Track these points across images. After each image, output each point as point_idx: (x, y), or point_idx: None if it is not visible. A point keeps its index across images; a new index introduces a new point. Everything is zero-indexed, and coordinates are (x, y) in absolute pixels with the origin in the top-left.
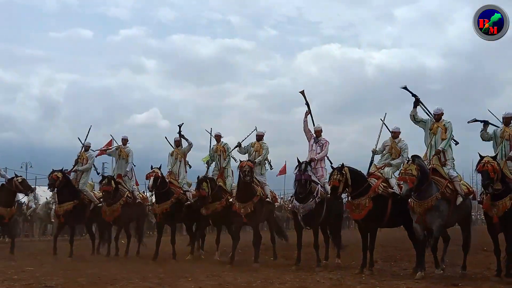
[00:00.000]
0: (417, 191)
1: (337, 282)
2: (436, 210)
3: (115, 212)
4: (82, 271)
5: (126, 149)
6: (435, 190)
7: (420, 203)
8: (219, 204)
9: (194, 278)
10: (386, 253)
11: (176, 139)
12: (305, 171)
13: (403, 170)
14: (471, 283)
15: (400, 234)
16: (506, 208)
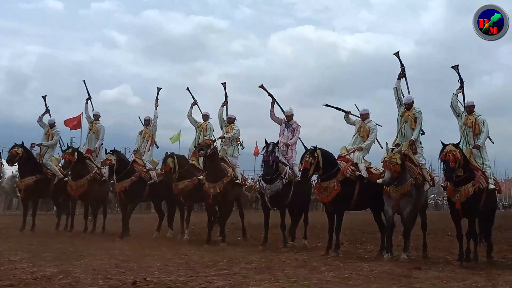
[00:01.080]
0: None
1: (303, 263)
2: (410, 196)
3: (82, 188)
4: (48, 246)
5: (98, 125)
6: (409, 177)
7: (396, 189)
8: (190, 182)
9: (160, 256)
10: (353, 236)
11: (146, 118)
12: (272, 152)
13: (388, 158)
14: (434, 266)
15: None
16: (468, 194)
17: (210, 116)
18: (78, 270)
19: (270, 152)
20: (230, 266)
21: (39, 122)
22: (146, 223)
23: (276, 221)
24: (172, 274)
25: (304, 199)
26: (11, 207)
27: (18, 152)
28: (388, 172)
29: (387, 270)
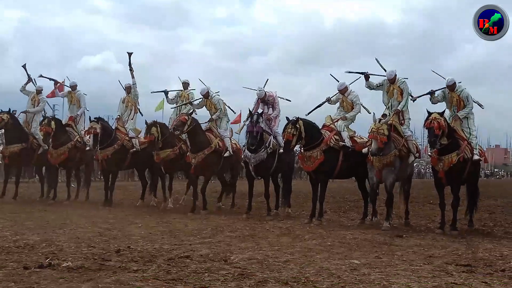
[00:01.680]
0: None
1: (286, 231)
2: (392, 166)
3: (62, 156)
4: (30, 215)
5: (77, 94)
6: (393, 148)
7: (379, 159)
8: (172, 152)
9: (144, 224)
10: (336, 204)
11: (126, 85)
12: (257, 123)
13: (375, 129)
14: (415, 234)
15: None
16: (452, 163)
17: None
18: (61, 238)
19: (254, 122)
20: (214, 234)
21: (23, 91)
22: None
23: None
24: (156, 243)
25: (288, 168)
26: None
27: (4, 118)
28: (375, 142)
29: (369, 238)
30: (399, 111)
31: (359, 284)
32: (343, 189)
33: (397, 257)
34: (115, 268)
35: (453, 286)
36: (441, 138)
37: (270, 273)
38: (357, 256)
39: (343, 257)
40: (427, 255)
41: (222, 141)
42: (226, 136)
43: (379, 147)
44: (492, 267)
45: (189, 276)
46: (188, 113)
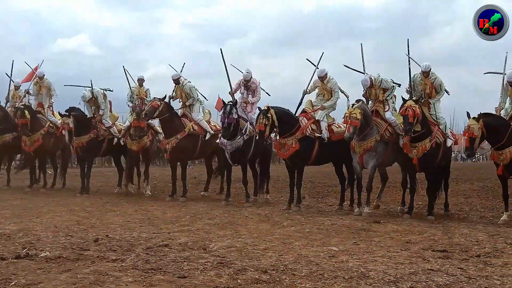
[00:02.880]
0: (359, 135)
1: (265, 218)
2: (374, 151)
3: (36, 143)
4: (6, 203)
5: (46, 82)
6: (375, 132)
7: (360, 144)
8: (148, 139)
9: (122, 212)
10: (314, 189)
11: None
12: (230, 114)
13: (348, 113)
14: (392, 220)
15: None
16: (425, 150)
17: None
18: (38, 227)
19: (227, 113)
20: (193, 222)
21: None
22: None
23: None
24: (135, 231)
25: (265, 153)
26: None
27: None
28: (352, 127)
29: (347, 224)
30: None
31: (337, 271)
32: (321, 173)
33: (375, 243)
34: (94, 258)
35: (429, 272)
36: (415, 125)
37: (249, 261)
38: (335, 242)
39: (322, 244)
40: (404, 241)
41: (198, 125)
42: (200, 119)
43: (352, 132)
44: (467, 252)
45: (168, 265)
46: (161, 98)
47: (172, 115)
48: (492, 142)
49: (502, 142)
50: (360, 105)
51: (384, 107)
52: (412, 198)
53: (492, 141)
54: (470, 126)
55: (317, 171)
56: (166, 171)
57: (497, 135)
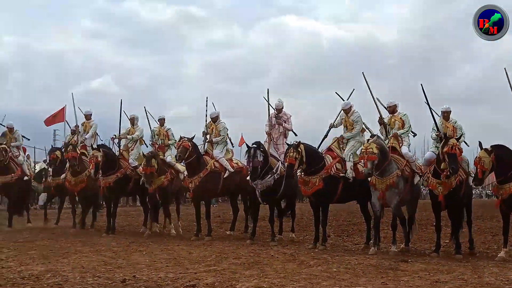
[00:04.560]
0: (377, 170)
1: (291, 257)
2: (396, 188)
3: (81, 184)
4: (34, 243)
5: (91, 123)
6: (395, 168)
7: (382, 180)
8: (165, 178)
9: (148, 252)
10: (339, 227)
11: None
12: (254, 157)
13: (364, 149)
14: (420, 259)
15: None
16: (451, 187)
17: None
18: (66, 268)
19: (251, 157)
20: (219, 262)
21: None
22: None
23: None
24: (161, 271)
25: (293, 193)
26: None
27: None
28: (369, 162)
29: (374, 263)
30: (397, 135)
31: None
32: (345, 211)
33: (403, 283)
34: None
35: None
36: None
37: None
38: (363, 282)
39: (349, 284)
40: (433, 280)
41: (218, 162)
42: (221, 157)
43: (370, 167)
44: None
45: None
46: (190, 139)
47: (199, 154)
48: (497, 175)
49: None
50: (375, 139)
51: (399, 143)
52: (439, 236)
53: (498, 174)
54: (482, 158)
55: (341, 208)
56: (190, 209)
57: (504, 169)
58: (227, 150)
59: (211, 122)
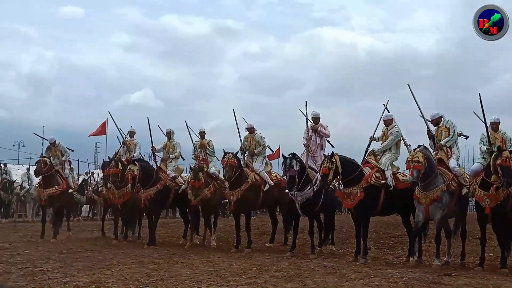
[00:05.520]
0: (423, 181)
1: (332, 270)
2: (440, 202)
3: (124, 196)
4: (77, 255)
5: (134, 141)
6: (440, 182)
7: (426, 194)
8: (208, 191)
9: (189, 264)
10: (379, 240)
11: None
12: (290, 167)
13: (410, 157)
14: (465, 273)
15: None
16: (499, 200)
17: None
18: (109, 279)
19: (288, 167)
20: (260, 274)
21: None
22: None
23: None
24: (203, 283)
25: (331, 204)
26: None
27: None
28: (415, 171)
29: (417, 277)
30: (441, 146)
31: None
32: (384, 223)
33: None
34: None
35: None
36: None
37: None
38: None
39: None
40: None
41: (258, 175)
42: (261, 170)
43: (416, 176)
44: None
45: None
46: (234, 154)
47: (241, 168)
48: None
49: None
50: (422, 149)
51: (447, 155)
52: (483, 249)
53: None
54: None
55: (380, 220)
56: (228, 221)
57: None
58: (267, 163)
59: (247, 135)
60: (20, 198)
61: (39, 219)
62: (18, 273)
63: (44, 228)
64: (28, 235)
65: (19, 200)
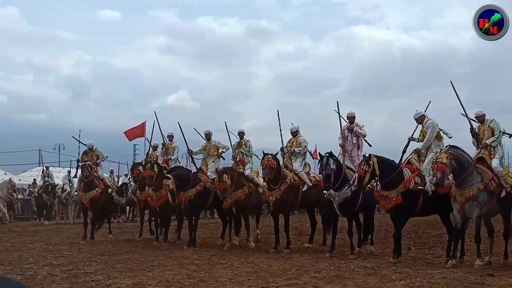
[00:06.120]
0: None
1: (372, 271)
2: (476, 200)
3: (162, 199)
4: (119, 257)
5: (173, 145)
6: (477, 180)
7: (461, 192)
8: (242, 193)
9: (229, 265)
10: (419, 239)
11: (205, 132)
12: (327, 165)
13: (435, 158)
14: (508, 272)
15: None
16: None
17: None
18: (151, 282)
19: (324, 165)
20: (300, 275)
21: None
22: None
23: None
24: (243, 285)
25: (369, 205)
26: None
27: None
28: (439, 172)
29: (459, 277)
30: (486, 145)
31: None
32: (423, 223)
33: None
34: None
35: None
36: None
37: None
38: None
39: None
40: None
41: (297, 176)
42: (300, 171)
43: (440, 177)
44: None
45: None
46: (274, 156)
47: (280, 169)
48: None
49: None
50: (447, 149)
51: (490, 154)
52: None
53: None
54: None
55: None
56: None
57: None
58: (305, 164)
59: (291, 138)
60: (61, 201)
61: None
62: (62, 275)
63: (86, 231)
64: (70, 237)
65: (60, 203)
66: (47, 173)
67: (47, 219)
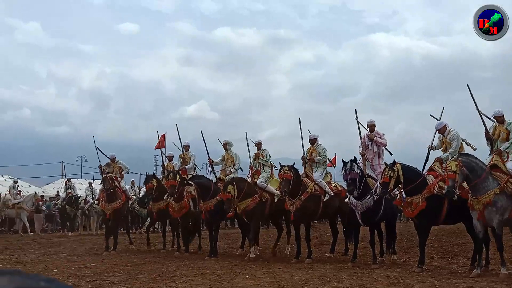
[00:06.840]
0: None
1: (395, 281)
2: (494, 206)
3: (183, 209)
4: (142, 267)
5: (189, 154)
6: (492, 185)
7: (477, 200)
8: (251, 201)
9: (251, 275)
10: (442, 248)
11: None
12: (351, 170)
13: (445, 167)
14: None
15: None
16: None
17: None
18: None
19: (348, 170)
20: (322, 285)
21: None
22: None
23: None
24: None
25: (392, 213)
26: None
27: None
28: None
29: (484, 286)
30: (500, 152)
31: None
32: (446, 231)
33: None
34: None
35: None
36: None
37: None
38: None
39: None
40: None
41: (318, 185)
42: (321, 181)
43: (451, 185)
44: None
45: None
46: (290, 167)
47: (299, 178)
48: None
49: None
50: (456, 157)
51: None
52: None
53: None
54: None
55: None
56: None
57: None
58: (327, 173)
59: (310, 146)
60: (84, 212)
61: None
62: (86, 286)
63: (108, 242)
64: (93, 248)
65: (83, 214)
66: (70, 185)
67: (71, 230)
